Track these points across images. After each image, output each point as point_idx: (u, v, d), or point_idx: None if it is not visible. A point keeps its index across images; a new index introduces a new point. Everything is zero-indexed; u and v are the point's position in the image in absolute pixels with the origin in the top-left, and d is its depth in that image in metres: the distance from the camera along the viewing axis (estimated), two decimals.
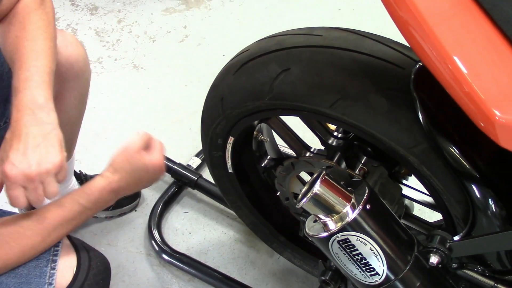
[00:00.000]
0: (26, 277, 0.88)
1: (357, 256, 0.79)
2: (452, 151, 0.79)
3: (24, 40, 0.91)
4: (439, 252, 0.80)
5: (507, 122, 0.58)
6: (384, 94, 0.82)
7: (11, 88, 1.04)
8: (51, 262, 0.91)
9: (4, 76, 1.06)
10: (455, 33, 0.60)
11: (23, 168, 0.82)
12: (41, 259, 0.91)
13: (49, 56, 0.92)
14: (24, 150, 0.82)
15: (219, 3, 2.43)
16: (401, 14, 0.61)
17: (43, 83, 0.88)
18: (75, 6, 2.37)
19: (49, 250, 0.93)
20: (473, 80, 0.59)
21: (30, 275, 0.88)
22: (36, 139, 0.84)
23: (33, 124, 0.84)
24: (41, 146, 0.84)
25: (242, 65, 0.97)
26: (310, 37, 0.90)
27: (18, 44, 0.91)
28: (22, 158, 0.82)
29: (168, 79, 2.07)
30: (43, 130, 0.85)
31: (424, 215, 1.40)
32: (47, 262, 0.91)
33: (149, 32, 2.27)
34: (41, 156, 0.83)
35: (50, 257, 0.92)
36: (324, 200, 0.78)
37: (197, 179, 1.61)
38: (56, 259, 0.92)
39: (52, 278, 0.90)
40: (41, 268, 0.90)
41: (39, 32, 0.93)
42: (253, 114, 1.01)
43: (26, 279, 0.88)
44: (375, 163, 1.03)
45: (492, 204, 0.81)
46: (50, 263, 0.91)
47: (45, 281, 0.89)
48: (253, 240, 1.57)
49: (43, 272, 0.90)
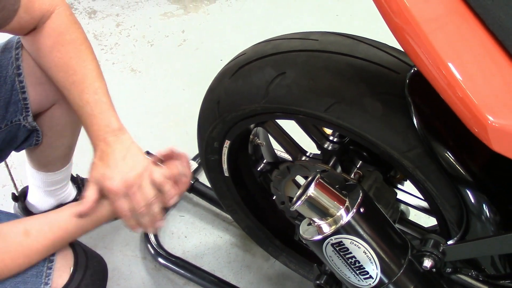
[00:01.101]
0: (23, 277, 0.88)
1: (351, 260, 0.80)
2: (446, 156, 0.79)
3: (80, 61, 0.97)
4: (433, 256, 0.80)
5: (500, 127, 0.58)
6: (378, 98, 0.82)
7: (13, 91, 1.05)
8: (48, 262, 0.91)
9: (7, 79, 1.07)
10: (449, 39, 0.61)
11: (121, 178, 0.89)
12: None
13: (102, 75, 0.99)
14: (115, 164, 0.91)
15: (218, 8, 2.44)
16: (396, 21, 0.62)
17: (111, 105, 0.96)
18: (73, 9, 2.37)
19: None
20: (466, 86, 0.60)
21: (26, 275, 0.88)
22: (122, 153, 0.92)
23: (115, 142, 0.93)
24: (128, 156, 0.92)
25: (239, 68, 0.97)
26: (305, 42, 0.91)
27: (73, 64, 0.97)
28: (116, 170, 0.90)
29: (165, 83, 2.08)
30: (124, 145, 0.94)
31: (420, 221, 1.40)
32: (44, 261, 0.91)
33: (147, 36, 2.28)
34: (130, 163, 0.91)
35: (47, 257, 0.92)
36: (318, 203, 0.78)
37: (194, 183, 1.61)
38: (53, 258, 0.92)
39: (48, 278, 0.90)
40: (38, 268, 0.90)
41: (89, 51, 1.00)
42: (249, 117, 1.01)
43: (23, 278, 0.88)
44: (371, 168, 1.03)
45: (486, 209, 0.81)
46: (47, 262, 0.91)
47: (42, 280, 0.89)
48: (248, 244, 1.57)
49: (39, 271, 0.90)
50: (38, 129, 1.15)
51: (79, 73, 0.96)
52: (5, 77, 1.07)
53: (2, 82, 1.06)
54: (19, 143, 1.17)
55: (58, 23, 0.98)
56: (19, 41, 1.07)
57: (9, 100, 1.08)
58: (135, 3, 2.43)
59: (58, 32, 0.98)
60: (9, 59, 1.06)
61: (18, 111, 1.10)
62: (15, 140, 1.15)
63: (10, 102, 1.08)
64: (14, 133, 1.13)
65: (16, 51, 1.06)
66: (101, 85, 0.97)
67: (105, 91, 0.97)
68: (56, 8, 0.98)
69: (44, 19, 0.97)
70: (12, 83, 1.07)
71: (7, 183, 1.68)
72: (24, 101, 1.09)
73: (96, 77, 0.97)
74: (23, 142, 1.17)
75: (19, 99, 1.08)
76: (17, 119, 1.11)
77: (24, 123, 1.12)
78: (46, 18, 0.97)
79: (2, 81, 1.06)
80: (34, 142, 1.18)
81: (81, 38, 1.00)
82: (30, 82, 1.08)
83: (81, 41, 1.00)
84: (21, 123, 1.12)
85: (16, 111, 1.10)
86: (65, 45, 0.98)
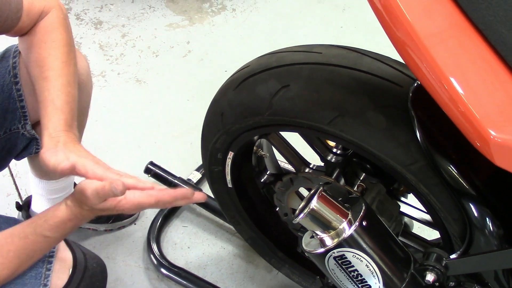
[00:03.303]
0: (22, 278, 0.88)
1: (353, 273, 0.80)
2: (449, 169, 0.79)
3: (58, 61, 0.97)
4: (435, 270, 0.80)
5: (502, 141, 0.59)
6: (382, 111, 0.82)
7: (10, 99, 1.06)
8: (46, 263, 0.91)
9: (5, 88, 1.08)
10: (451, 53, 0.61)
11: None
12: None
13: (75, 81, 0.99)
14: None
15: (223, 20, 2.46)
16: (398, 35, 0.62)
17: (61, 109, 0.93)
18: (80, 20, 2.39)
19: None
20: (468, 100, 0.60)
21: (25, 276, 0.88)
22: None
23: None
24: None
25: (243, 80, 0.98)
26: (309, 54, 0.91)
27: (50, 61, 0.96)
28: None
29: (170, 93, 2.09)
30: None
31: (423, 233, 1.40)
32: (42, 263, 0.91)
33: (152, 47, 2.29)
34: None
35: (46, 258, 0.92)
36: (321, 216, 0.78)
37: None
38: (52, 260, 0.92)
39: (47, 279, 0.90)
40: (37, 269, 0.90)
41: (70, 55, 0.99)
42: (252, 129, 1.02)
43: (22, 280, 0.88)
44: (374, 180, 1.03)
45: (489, 223, 0.81)
46: (46, 264, 0.91)
47: (40, 282, 0.89)
48: (251, 255, 1.57)
49: (38, 273, 0.90)
50: (37, 137, 1.16)
51: (53, 70, 0.95)
52: (2, 85, 1.08)
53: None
54: (18, 151, 1.17)
55: (48, 23, 0.99)
56: (17, 50, 1.08)
57: (7, 108, 1.09)
58: (140, 14, 2.45)
59: (45, 31, 0.98)
60: (7, 68, 1.08)
61: (16, 119, 1.11)
62: (15, 148, 1.16)
63: (8, 110, 1.09)
64: (13, 142, 1.14)
65: (14, 59, 1.08)
66: (66, 89, 0.95)
67: (66, 94, 0.94)
68: (51, 10, 1.00)
69: (41, 18, 0.99)
70: (10, 92, 1.08)
71: (11, 192, 1.69)
72: (22, 109, 1.10)
73: (65, 80, 0.95)
74: (22, 150, 1.18)
75: (17, 107, 1.09)
76: (16, 127, 1.12)
77: (22, 131, 1.13)
78: (42, 18, 0.99)
79: (0, 90, 1.07)
80: (34, 150, 1.19)
81: (65, 39, 0.99)
82: (28, 91, 1.09)
83: (64, 43, 0.99)
84: (20, 131, 1.13)
85: (14, 119, 1.11)
86: (47, 43, 0.97)
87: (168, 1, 2.53)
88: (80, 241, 1.57)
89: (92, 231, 1.59)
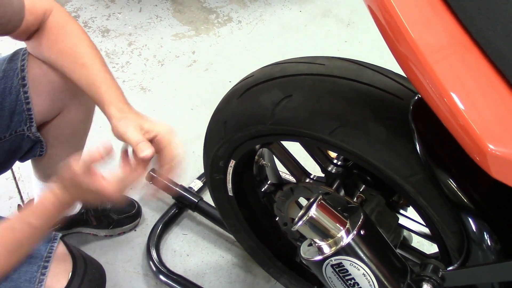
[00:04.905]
0: (16, 281, 0.89)
1: (350, 281, 0.80)
2: (448, 183, 0.80)
3: (85, 46, 1.05)
4: (432, 281, 0.80)
5: (500, 155, 0.59)
6: (382, 123, 0.83)
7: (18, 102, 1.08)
8: (42, 268, 0.91)
9: (12, 90, 1.09)
10: (452, 68, 0.62)
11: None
12: (32, 264, 0.92)
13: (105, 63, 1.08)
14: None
15: (228, 31, 2.48)
16: (400, 49, 0.63)
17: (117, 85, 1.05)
18: (87, 27, 2.42)
19: (42, 255, 0.93)
20: (468, 114, 0.61)
21: (20, 279, 0.89)
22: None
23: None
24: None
25: (246, 90, 0.99)
26: (312, 66, 0.93)
27: (80, 49, 1.04)
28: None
29: (174, 102, 2.10)
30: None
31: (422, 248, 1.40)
32: (38, 267, 0.91)
33: (158, 55, 2.31)
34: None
35: (42, 262, 0.92)
36: (319, 224, 0.79)
37: (198, 202, 1.62)
38: (47, 265, 0.92)
39: (41, 283, 0.90)
40: (32, 273, 0.90)
41: (89, 40, 1.08)
42: (254, 138, 1.03)
43: (16, 283, 0.89)
44: (374, 192, 1.04)
45: (487, 237, 0.81)
46: (41, 268, 0.91)
47: (34, 286, 0.90)
48: (250, 265, 1.57)
49: (33, 277, 0.90)
50: (42, 140, 1.18)
51: (86, 56, 1.02)
52: (10, 87, 1.10)
53: (7, 92, 1.09)
54: (23, 153, 1.19)
55: (58, 19, 1.04)
56: (25, 53, 1.10)
57: (14, 110, 1.11)
58: (147, 23, 2.48)
59: (58, 25, 1.03)
60: (15, 70, 1.10)
61: (22, 121, 1.12)
62: (19, 150, 1.17)
63: (15, 112, 1.11)
64: (18, 143, 1.15)
65: (22, 62, 1.10)
66: (106, 68, 1.03)
67: (108, 73, 1.03)
68: (54, 8, 1.04)
69: (45, 17, 1.02)
70: (17, 94, 1.10)
71: (14, 195, 1.70)
72: (28, 112, 1.12)
73: (101, 62, 1.04)
74: (27, 152, 1.19)
75: (23, 109, 1.11)
76: (21, 129, 1.13)
77: (28, 133, 1.14)
78: (47, 17, 1.02)
79: (8, 91, 1.09)
80: (38, 153, 1.21)
81: (80, 28, 1.06)
82: (35, 93, 1.11)
83: (82, 31, 1.06)
84: (25, 133, 1.14)
85: (20, 121, 1.12)
86: (67, 34, 1.03)
87: (175, 12, 2.56)
88: (80, 246, 1.58)
89: (92, 236, 1.60)
